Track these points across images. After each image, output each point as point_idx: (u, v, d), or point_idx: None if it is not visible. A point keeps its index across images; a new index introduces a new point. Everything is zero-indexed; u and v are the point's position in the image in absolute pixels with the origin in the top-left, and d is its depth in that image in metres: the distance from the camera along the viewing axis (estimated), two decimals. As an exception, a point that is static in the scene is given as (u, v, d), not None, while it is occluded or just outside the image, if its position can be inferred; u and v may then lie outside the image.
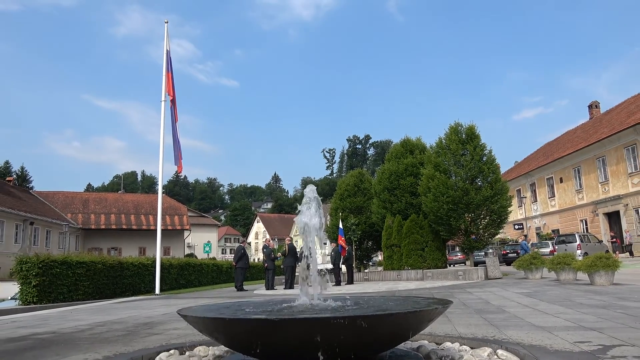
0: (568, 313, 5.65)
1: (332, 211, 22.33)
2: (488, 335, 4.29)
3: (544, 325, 4.76)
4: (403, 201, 18.76)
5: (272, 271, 16.24)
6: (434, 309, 2.95)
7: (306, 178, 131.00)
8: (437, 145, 18.20)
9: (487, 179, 16.91)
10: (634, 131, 27.15)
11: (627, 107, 31.99)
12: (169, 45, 15.20)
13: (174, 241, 42.75)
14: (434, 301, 3.43)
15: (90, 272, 13.99)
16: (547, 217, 37.84)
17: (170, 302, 11.38)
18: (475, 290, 10.52)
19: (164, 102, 15.17)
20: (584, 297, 7.59)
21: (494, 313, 6.06)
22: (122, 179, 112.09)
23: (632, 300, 6.79)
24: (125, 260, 16.12)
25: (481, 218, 17.13)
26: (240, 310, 3.48)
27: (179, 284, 19.50)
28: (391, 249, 18.73)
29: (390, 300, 3.81)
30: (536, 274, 13.53)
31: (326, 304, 3.41)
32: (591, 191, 31.99)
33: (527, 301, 7.37)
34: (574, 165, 33.90)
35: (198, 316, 2.90)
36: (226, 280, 25.05)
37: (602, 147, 30.38)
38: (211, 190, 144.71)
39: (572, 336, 4.05)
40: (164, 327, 5.98)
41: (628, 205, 28.20)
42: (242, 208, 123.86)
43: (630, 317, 5.05)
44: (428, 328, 3.59)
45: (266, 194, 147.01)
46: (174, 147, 15.52)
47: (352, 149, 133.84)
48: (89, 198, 44.74)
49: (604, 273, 9.94)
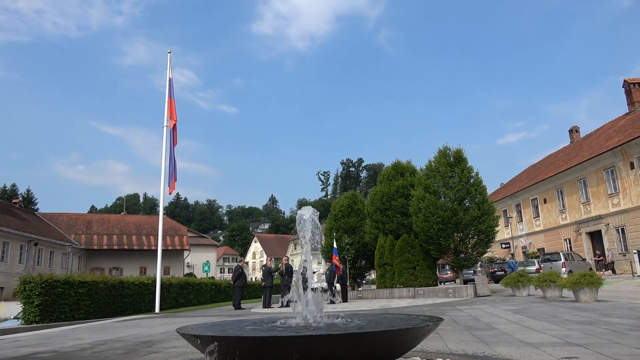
0: (554, 329, 5.75)
1: (327, 231, 22.63)
2: (478, 352, 4.38)
3: (532, 342, 4.86)
4: (395, 221, 19.04)
5: (270, 290, 16.60)
6: (426, 326, 2.98)
7: (302, 199, 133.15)
8: (427, 168, 18.58)
9: (474, 200, 17.22)
10: (613, 154, 28.24)
11: (606, 131, 33.17)
12: (171, 74, 15.79)
13: (174, 261, 43.19)
14: (425, 318, 3.48)
15: (92, 291, 14.18)
16: (532, 237, 38.65)
17: (169, 320, 11.53)
18: (465, 307, 10.64)
19: (165, 128, 15.65)
20: (569, 313, 7.71)
21: (484, 330, 6.16)
22: (125, 201, 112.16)
23: (615, 316, 6.91)
24: (126, 280, 16.30)
25: (470, 237, 17.37)
26: (238, 328, 3.49)
27: (179, 302, 19.61)
28: (384, 268, 19.01)
29: (383, 318, 3.84)
30: (523, 291, 13.80)
31: (322, 321, 3.45)
32: (574, 211, 32.92)
33: (515, 318, 7.49)
34: (556, 187, 34.88)
35: (197, 334, 2.90)
36: (225, 299, 25.24)
37: (583, 170, 31.41)
38: (210, 212, 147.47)
39: (559, 352, 4.15)
40: (164, 345, 6.07)
41: (609, 224, 29.12)
42: (240, 229, 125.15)
43: (614, 333, 5.13)
44: (420, 345, 3.65)
45: (263, 215, 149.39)
46: (169, 169, 15.95)
47: (345, 171, 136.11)
48: (92, 219, 45.06)
49: (588, 290, 10.06)
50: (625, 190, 27.64)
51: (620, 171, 28.05)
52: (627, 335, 4.97)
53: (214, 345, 2.66)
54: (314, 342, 2.54)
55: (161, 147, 15.49)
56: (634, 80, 32.61)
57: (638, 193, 26.64)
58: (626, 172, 27.50)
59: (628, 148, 26.97)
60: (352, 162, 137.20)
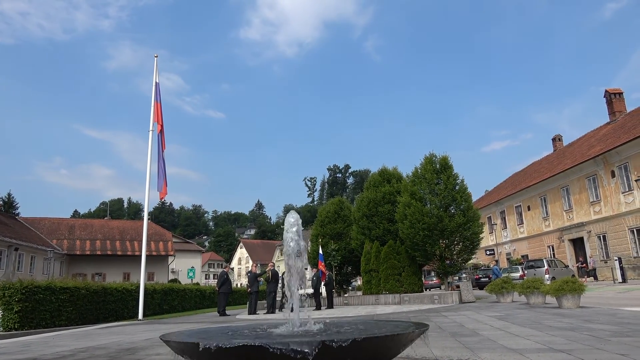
0: (538, 335, 5.79)
1: (313, 237, 22.61)
2: (463, 358, 4.40)
3: (516, 348, 4.89)
4: (381, 228, 19.12)
5: (255, 296, 16.50)
6: (411, 333, 2.97)
7: (288, 205, 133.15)
8: (413, 175, 18.69)
9: (460, 206, 17.37)
10: (594, 163, 28.77)
11: (588, 140, 33.80)
12: (157, 78, 15.67)
13: (158, 267, 42.69)
14: (410, 325, 3.45)
15: (73, 297, 13.90)
16: (516, 243, 39.09)
17: (153, 327, 11.37)
18: (450, 313, 10.66)
19: (151, 132, 15.53)
20: (552, 319, 7.77)
21: (469, 336, 6.18)
22: (109, 206, 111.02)
23: (597, 322, 6.97)
24: (109, 286, 16.03)
25: (455, 244, 17.49)
26: (223, 335, 3.44)
27: (163, 309, 19.35)
28: (370, 274, 19.05)
29: (369, 324, 3.82)
30: (507, 297, 13.91)
31: (307, 328, 3.43)
32: (557, 219, 33.39)
33: (499, 324, 7.52)
34: (540, 194, 35.38)
35: (180, 341, 2.85)
36: (209, 305, 25.01)
37: (565, 178, 31.93)
38: (196, 217, 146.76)
39: (543, 358, 4.18)
40: (147, 352, 5.99)
41: (591, 232, 29.60)
42: (226, 234, 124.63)
43: (596, 339, 5.19)
44: (405, 351, 3.59)
45: (249, 220, 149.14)
46: (159, 174, 15.84)
47: (332, 177, 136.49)
48: (75, 224, 44.28)
49: (570, 296, 10.17)
50: (607, 198, 28.14)
51: (601, 179, 28.56)
52: (609, 341, 5.04)
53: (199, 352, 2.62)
54: (296, 350, 2.49)
55: (146, 152, 15.37)
56: (615, 90, 33.31)
57: (619, 201, 27.15)
58: (607, 180, 28.01)
59: (609, 157, 27.49)
60: (338, 168, 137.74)
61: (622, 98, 32.92)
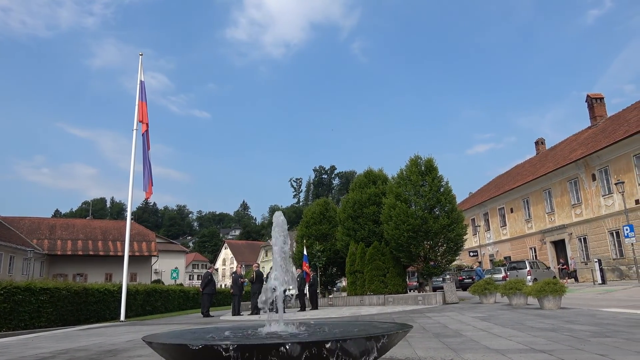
0: (520, 336, 5.85)
1: (298, 238, 22.60)
2: (446, 358, 4.45)
3: (498, 348, 4.94)
4: (366, 229, 19.18)
5: (239, 297, 16.41)
6: (395, 334, 2.98)
7: (274, 206, 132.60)
8: (398, 176, 18.81)
9: (444, 208, 17.53)
10: (576, 166, 29.26)
11: (570, 144, 34.34)
12: (142, 76, 15.51)
13: (141, 267, 42.15)
14: (394, 326, 3.46)
15: (54, 298, 13.68)
16: (499, 245, 39.55)
17: (135, 328, 11.25)
18: (433, 314, 10.72)
19: (135, 131, 15.36)
20: (534, 320, 7.86)
21: (452, 337, 6.22)
22: (91, 205, 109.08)
23: (578, 323, 7.06)
24: (90, 287, 15.81)
25: (439, 245, 17.64)
26: (206, 336, 3.39)
27: (145, 310, 19.16)
28: (354, 275, 19.09)
29: (353, 325, 3.82)
30: (490, 298, 14.05)
31: (291, 329, 3.42)
32: (539, 221, 33.88)
33: (482, 325, 7.58)
34: (523, 197, 35.85)
35: (163, 343, 2.81)
36: (193, 307, 24.81)
37: (548, 180, 32.41)
38: (180, 217, 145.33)
39: (524, 358, 4.22)
40: (128, 354, 5.91)
41: (572, 234, 30.10)
42: (211, 235, 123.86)
43: (577, 340, 5.27)
44: (389, 352, 3.58)
45: (234, 221, 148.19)
46: (144, 174, 15.65)
47: (318, 178, 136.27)
48: (56, 224, 43.48)
49: (552, 298, 10.30)
50: (588, 201, 28.64)
51: (582, 182, 29.06)
52: (589, 342, 5.12)
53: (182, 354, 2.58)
54: (281, 351, 2.50)
55: (130, 151, 15.20)
56: (596, 95, 33.93)
57: (599, 204, 27.65)
58: (588, 183, 28.52)
59: (590, 160, 27.99)
60: (324, 169, 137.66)
61: (603, 103, 33.54)
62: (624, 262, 25.60)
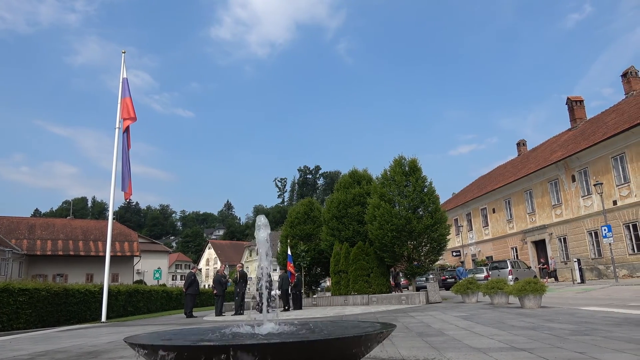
0: (501, 335, 5.94)
1: (283, 238, 22.56)
2: (429, 357, 4.49)
3: (480, 347, 5.00)
4: (350, 229, 19.23)
5: (222, 297, 16.32)
6: (379, 333, 2.99)
7: (258, 206, 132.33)
8: (383, 177, 18.91)
9: (427, 208, 17.66)
10: (556, 167, 29.77)
11: (550, 145, 34.91)
12: (125, 74, 15.29)
13: (123, 268, 41.59)
14: (378, 325, 3.48)
15: (33, 299, 13.41)
16: (481, 245, 40.01)
17: (117, 329, 11.14)
18: (417, 314, 10.80)
19: (118, 129, 15.14)
20: (515, 319, 7.97)
21: (435, 336, 6.29)
22: (72, 205, 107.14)
23: (557, 322, 7.18)
24: (71, 287, 15.53)
25: (422, 245, 17.76)
26: (190, 337, 3.38)
27: (127, 311, 18.92)
28: (339, 275, 19.11)
29: (337, 325, 3.83)
30: (472, 298, 14.18)
31: (276, 329, 3.42)
32: (520, 221, 34.37)
33: (464, 324, 7.67)
34: (504, 197, 36.33)
35: (146, 344, 2.77)
36: (176, 307, 24.61)
37: (529, 181, 32.90)
38: (163, 217, 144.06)
39: (505, 357, 4.28)
40: (110, 355, 5.86)
41: (552, 234, 30.61)
42: (194, 235, 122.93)
43: (556, 338, 5.36)
44: (373, 351, 3.60)
45: (218, 221, 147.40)
46: (124, 174, 15.43)
47: (302, 178, 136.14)
48: (36, 223, 42.53)
49: (532, 297, 10.45)
50: (567, 202, 29.16)
51: (562, 183, 29.58)
52: (568, 340, 5.22)
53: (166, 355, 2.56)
54: (267, 351, 2.50)
55: (112, 150, 14.98)
56: (576, 98, 34.55)
57: (578, 204, 28.18)
58: (568, 184, 29.04)
59: (570, 162, 28.51)
60: (309, 169, 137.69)
61: (582, 105, 34.18)
62: (602, 261, 26.14)
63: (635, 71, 29.74)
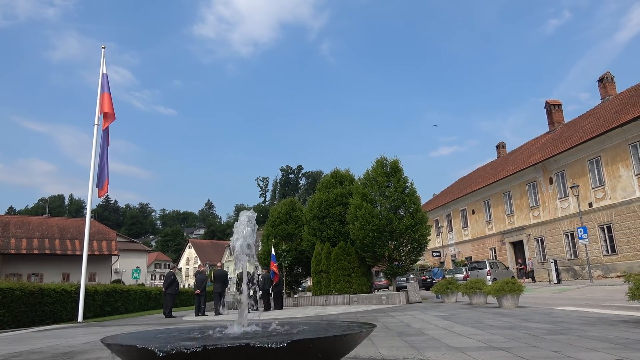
0: (479, 334, 6.03)
1: (264, 237, 22.47)
2: (409, 357, 4.53)
3: (459, 346, 5.07)
4: (332, 229, 19.26)
5: (203, 297, 16.17)
6: (359, 333, 2.99)
7: (240, 205, 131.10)
8: (365, 177, 19.00)
9: (408, 209, 17.80)
10: (534, 170, 30.32)
11: (529, 148, 35.54)
12: (105, 69, 15.03)
13: (101, 267, 40.87)
14: (359, 325, 3.47)
15: (6, 299, 13.09)
16: (461, 245, 40.50)
17: (93, 330, 11.00)
18: (397, 313, 10.87)
19: (97, 126, 14.88)
20: (493, 319, 8.09)
21: (414, 335, 6.34)
22: (48, 203, 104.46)
23: (534, 321, 7.33)
24: (46, 287, 15.19)
25: (403, 245, 17.90)
26: (170, 337, 3.30)
27: (105, 311, 18.59)
28: (320, 275, 19.13)
29: (317, 325, 3.81)
30: (452, 298, 14.37)
31: (256, 329, 3.41)
32: (499, 222, 34.91)
33: (443, 324, 7.76)
34: (484, 199, 36.85)
35: (123, 344, 2.71)
36: (155, 307, 24.26)
37: (508, 183, 33.44)
38: (142, 216, 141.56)
39: (484, 356, 4.35)
40: (86, 356, 5.81)
41: (530, 235, 31.16)
42: (174, 234, 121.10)
43: (533, 337, 5.46)
44: (353, 351, 3.58)
45: (199, 220, 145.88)
46: (100, 171, 15.14)
47: (284, 178, 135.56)
48: (10, 221, 41.35)
49: (510, 297, 10.65)
50: (545, 204, 29.72)
51: (540, 185, 30.14)
52: (544, 339, 5.32)
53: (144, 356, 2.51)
54: (247, 352, 2.46)
55: (91, 147, 14.71)
56: (554, 102, 35.25)
57: (555, 206, 28.75)
58: (546, 186, 29.60)
59: (548, 164, 29.07)
60: (291, 168, 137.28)
61: (560, 109, 34.89)
62: (577, 262, 26.71)
63: (611, 77, 30.47)
